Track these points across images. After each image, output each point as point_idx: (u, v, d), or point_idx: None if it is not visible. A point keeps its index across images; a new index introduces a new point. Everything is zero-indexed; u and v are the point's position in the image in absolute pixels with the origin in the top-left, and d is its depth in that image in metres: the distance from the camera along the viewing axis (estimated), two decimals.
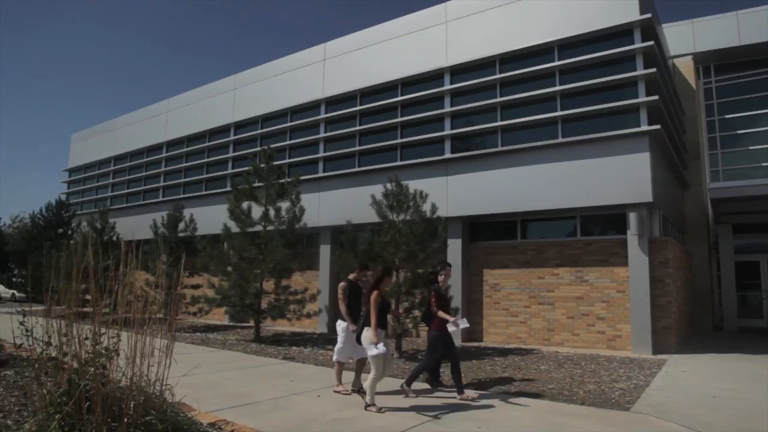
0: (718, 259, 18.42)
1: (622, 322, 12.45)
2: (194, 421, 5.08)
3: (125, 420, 4.07)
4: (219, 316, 19.08)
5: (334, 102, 17.74)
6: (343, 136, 17.32)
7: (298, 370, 9.85)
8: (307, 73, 18.50)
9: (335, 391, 7.77)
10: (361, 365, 7.74)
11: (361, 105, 17.03)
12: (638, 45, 12.67)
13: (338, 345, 8.05)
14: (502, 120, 14.23)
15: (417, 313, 11.65)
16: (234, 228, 14.86)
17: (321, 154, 17.64)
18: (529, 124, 13.86)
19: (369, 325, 6.97)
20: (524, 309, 13.71)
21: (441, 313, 7.70)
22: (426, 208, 11.99)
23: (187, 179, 22.42)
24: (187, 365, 7.50)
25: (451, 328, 7.68)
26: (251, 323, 15.65)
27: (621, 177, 12.27)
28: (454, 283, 13.89)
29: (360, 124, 16.96)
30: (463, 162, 14.55)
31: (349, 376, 8.29)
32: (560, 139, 13.21)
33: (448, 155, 14.82)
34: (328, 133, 17.63)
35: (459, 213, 14.35)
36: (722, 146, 20.66)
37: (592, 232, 13.43)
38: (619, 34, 13.03)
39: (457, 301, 13.22)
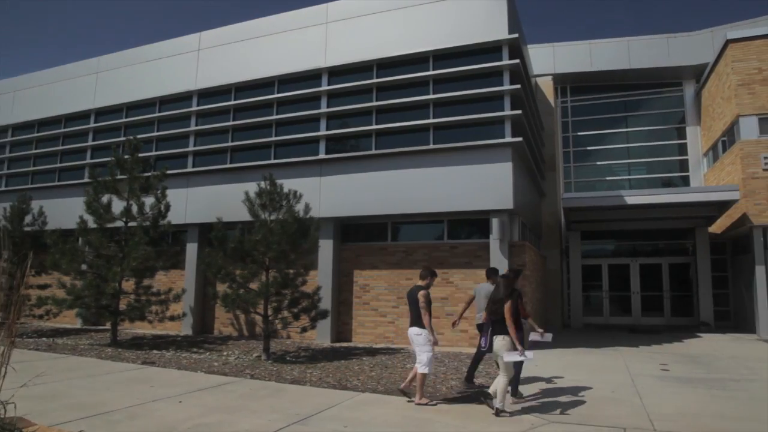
0: (568, 263, 20.13)
1: None
2: None
3: None
4: (70, 319, 17.55)
5: (207, 94, 17.04)
6: (215, 130, 16.69)
7: (159, 375, 9.34)
8: (180, 62, 17.61)
9: (418, 404, 7.25)
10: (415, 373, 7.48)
11: (235, 100, 16.51)
12: (506, 62, 13.51)
13: (428, 355, 7.39)
14: (377, 124, 14.50)
15: (286, 313, 11.54)
16: (91, 223, 13.79)
17: (191, 148, 16.86)
18: (402, 129, 14.24)
19: (501, 333, 6.88)
20: (392, 309, 14.06)
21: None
22: (299, 207, 11.92)
23: (36, 168, 20.38)
24: (28, 374, 6.84)
25: (535, 337, 7.81)
26: (107, 326, 14.59)
27: (485, 184, 12.99)
28: (325, 284, 13.92)
29: (234, 119, 16.44)
30: (338, 163, 14.63)
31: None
32: (431, 146, 13.72)
33: (322, 156, 14.83)
34: (200, 127, 16.90)
35: (332, 214, 14.41)
36: (575, 160, 22.70)
37: (458, 235, 14.09)
38: (490, 50, 13.81)
39: (327, 302, 13.25)
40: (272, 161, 15.32)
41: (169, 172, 15.05)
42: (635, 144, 22.27)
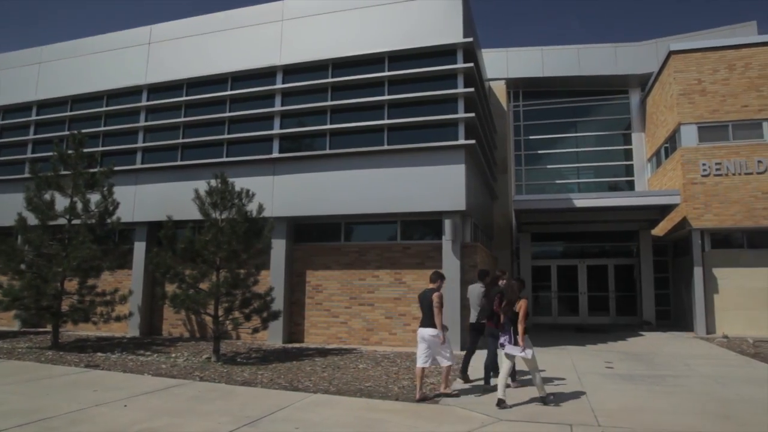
0: (519, 264, 20.53)
1: None
2: None
3: None
4: (7, 321, 16.79)
5: (158, 89, 16.59)
6: (166, 126, 16.27)
7: (103, 378, 9.06)
8: (130, 55, 17.07)
9: (445, 392, 7.96)
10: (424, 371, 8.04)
11: (187, 95, 16.14)
12: (460, 65, 13.68)
13: (449, 350, 8.01)
14: (331, 123, 14.45)
15: (237, 314, 11.37)
16: (32, 220, 13.23)
17: (140, 144, 16.37)
18: (357, 130, 14.23)
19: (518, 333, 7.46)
20: (345, 310, 14.04)
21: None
22: (251, 207, 11.76)
23: None
24: None
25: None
26: (49, 328, 14.03)
27: (439, 186, 13.12)
28: (277, 285, 13.78)
29: (185, 116, 16.07)
30: (291, 162, 14.50)
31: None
32: (386, 146, 13.77)
33: (276, 155, 14.67)
34: (150, 122, 16.44)
35: (285, 213, 14.27)
36: (526, 163, 23.23)
37: (411, 236, 14.18)
38: (444, 53, 13.95)
39: (279, 303, 13.11)
40: (225, 159, 15.06)
41: (116, 168, 14.60)
42: (584, 149, 22.97)
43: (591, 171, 22.93)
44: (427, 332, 7.87)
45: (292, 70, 15.16)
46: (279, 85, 15.09)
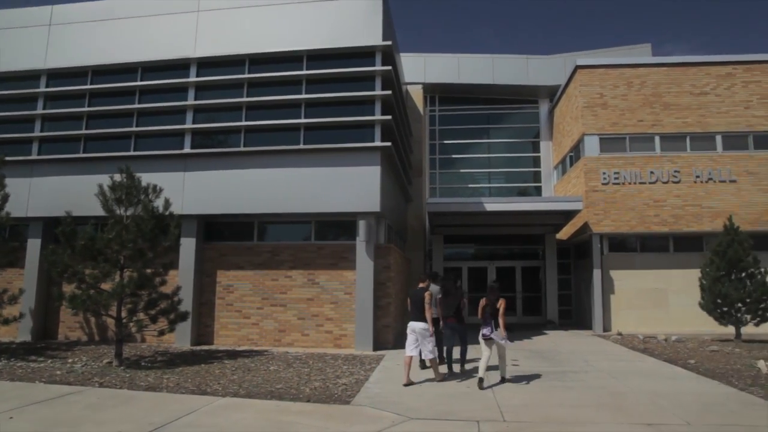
0: (431, 265, 20.95)
1: (348, 321, 13.33)
2: None
3: None
4: None
5: (59, 75, 15.48)
6: (67, 115, 15.23)
7: None
8: (26, 36, 15.80)
9: (440, 381, 9.10)
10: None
11: (92, 84, 15.18)
12: (378, 68, 13.79)
13: (432, 344, 9.14)
14: (247, 120, 14.13)
15: (142, 316, 10.85)
16: None
17: (37, 134, 15.21)
18: (273, 128, 14.00)
19: (499, 327, 8.98)
20: (257, 311, 13.76)
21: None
22: (159, 203, 11.26)
23: None
24: None
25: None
26: None
27: (354, 187, 13.16)
28: (186, 285, 13.27)
29: (89, 105, 15.12)
30: (204, 159, 14.04)
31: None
32: (302, 146, 13.64)
33: (187, 150, 14.14)
34: (49, 111, 15.33)
35: (196, 211, 13.79)
36: (440, 167, 23.78)
37: (326, 236, 14.13)
38: (363, 54, 14.01)
39: (188, 303, 12.62)
40: (132, 153, 14.33)
41: (8, 158, 13.55)
42: (495, 154, 23.84)
43: (502, 176, 23.83)
44: (418, 325, 9.05)
45: (207, 64, 14.68)
46: (193, 78, 14.56)
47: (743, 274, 14.58)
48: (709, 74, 18.38)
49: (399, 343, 14.27)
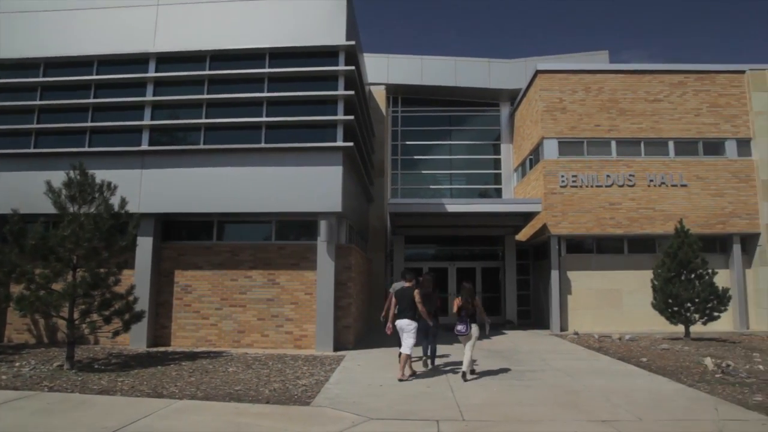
0: (393, 266, 21.01)
1: (308, 322, 13.24)
2: None
3: None
4: None
5: (8, 67, 14.85)
6: (16, 109, 14.58)
7: None
8: None
9: (401, 379, 9.31)
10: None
11: (45, 76, 14.63)
12: (342, 67, 13.73)
13: (412, 341, 9.50)
14: (207, 117, 13.88)
15: (96, 317, 10.51)
16: None
17: None
18: (234, 126, 13.80)
19: (474, 323, 9.72)
20: (216, 311, 13.53)
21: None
22: (115, 201, 10.94)
23: None
24: None
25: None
26: None
27: (315, 186, 13.08)
28: (142, 285, 12.94)
29: (41, 99, 14.57)
30: (163, 156, 13.71)
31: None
32: (263, 145, 13.48)
33: (145, 147, 13.79)
34: None
35: (153, 210, 13.46)
36: (402, 168, 23.89)
37: (287, 236, 14.01)
38: (327, 54, 13.93)
39: (144, 304, 12.30)
40: (87, 149, 13.87)
41: None
42: (457, 156, 24.09)
43: (463, 178, 24.09)
44: (403, 322, 9.56)
45: (166, 59, 14.35)
46: (152, 74, 14.21)
47: (693, 275, 15.12)
48: (662, 82, 19.00)
49: (360, 343, 14.32)
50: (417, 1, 73.83)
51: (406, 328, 9.54)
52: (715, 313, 14.98)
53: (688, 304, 14.99)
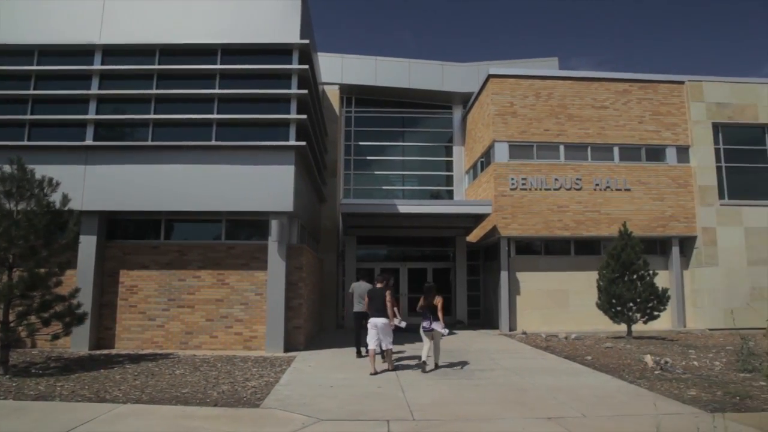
0: (344, 266, 20.97)
1: (258, 323, 13.07)
2: None
3: None
4: None
5: None
6: None
7: None
8: None
9: (390, 370, 10.24)
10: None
11: None
12: (295, 66, 13.63)
13: (391, 337, 10.48)
14: (156, 113, 13.52)
15: (34, 319, 10.05)
16: None
17: None
18: (184, 122, 13.49)
19: (438, 320, 10.49)
20: (163, 312, 13.18)
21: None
22: (56, 198, 10.50)
23: None
24: None
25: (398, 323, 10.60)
26: None
27: (267, 186, 12.93)
28: (85, 285, 12.45)
29: None
30: (108, 152, 13.27)
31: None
32: (213, 142, 13.24)
33: (90, 142, 13.31)
34: None
35: (97, 207, 13.01)
36: (355, 168, 23.87)
37: (237, 236, 13.79)
38: (280, 52, 13.81)
39: (86, 305, 11.86)
40: (26, 143, 13.28)
41: None
42: (410, 157, 24.23)
43: (415, 179, 24.27)
44: (380, 321, 10.24)
45: (113, 51, 13.89)
46: (97, 66, 13.74)
47: (635, 276, 15.69)
48: (608, 90, 19.66)
49: (311, 344, 14.24)
50: (372, 2, 74.02)
51: (383, 326, 10.22)
52: (656, 313, 15.61)
53: (631, 304, 15.55)
